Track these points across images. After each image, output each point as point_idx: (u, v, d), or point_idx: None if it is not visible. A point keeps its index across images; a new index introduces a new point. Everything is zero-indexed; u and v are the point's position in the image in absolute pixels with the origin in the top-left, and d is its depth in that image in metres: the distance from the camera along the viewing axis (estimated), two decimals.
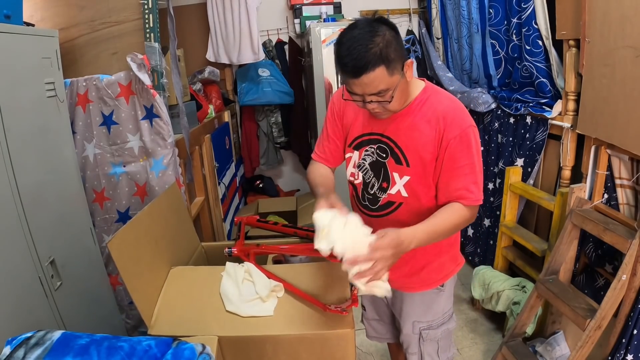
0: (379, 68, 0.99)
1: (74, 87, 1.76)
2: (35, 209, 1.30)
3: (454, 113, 1.10)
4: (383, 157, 1.18)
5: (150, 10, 1.76)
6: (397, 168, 1.16)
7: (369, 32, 0.99)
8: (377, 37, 0.98)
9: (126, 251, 1.19)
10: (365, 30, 1.00)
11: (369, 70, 0.99)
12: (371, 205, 1.24)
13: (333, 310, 1.16)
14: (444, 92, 1.17)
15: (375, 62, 0.98)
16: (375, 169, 1.21)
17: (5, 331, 1.05)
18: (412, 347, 1.36)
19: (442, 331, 1.35)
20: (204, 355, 0.99)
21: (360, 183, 1.26)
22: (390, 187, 1.18)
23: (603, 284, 1.74)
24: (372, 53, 0.97)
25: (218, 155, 2.67)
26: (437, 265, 1.27)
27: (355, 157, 1.25)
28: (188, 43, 3.01)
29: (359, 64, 0.98)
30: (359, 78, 1.00)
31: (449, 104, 1.12)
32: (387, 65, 1.00)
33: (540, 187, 2.20)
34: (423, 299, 1.31)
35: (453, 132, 1.08)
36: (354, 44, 0.98)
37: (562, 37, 1.87)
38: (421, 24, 3.33)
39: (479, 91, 2.52)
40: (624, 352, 1.41)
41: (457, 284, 2.65)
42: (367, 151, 1.21)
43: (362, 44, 0.98)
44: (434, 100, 1.12)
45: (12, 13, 1.36)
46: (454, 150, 1.09)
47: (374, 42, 0.98)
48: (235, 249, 1.42)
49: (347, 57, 0.99)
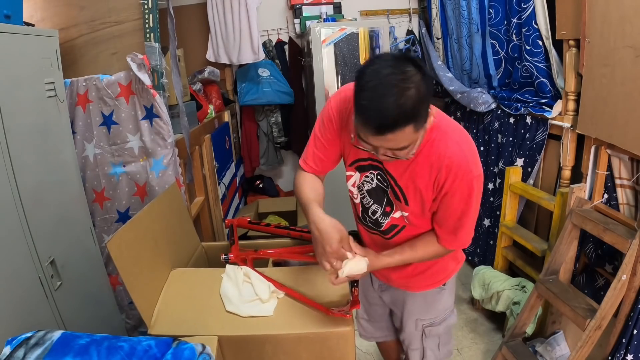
0: (407, 127, 0.85)
1: (74, 87, 1.76)
2: (35, 209, 1.30)
3: (459, 163, 0.99)
4: (384, 186, 1.13)
5: (150, 10, 1.76)
6: (396, 202, 1.13)
7: (401, 80, 0.82)
8: (409, 89, 0.82)
9: (126, 251, 1.19)
10: (393, 77, 0.83)
11: (396, 130, 0.84)
12: (374, 227, 1.23)
13: (337, 314, 1.16)
14: (453, 132, 1.03)
15: (405, 122, 0.84)
16: (376, 195, 1.16)
17: (5, 331, 1.05)
18: (414, 343, 1.38)
19: (443, 327, 1.36)
20: (204, 355, 0.99)
21: (359, 204, 1.23)
22: (394, 212, 1.15)
23: (603, 284, 1.74)
24: (403, 111, 0.82)
25: (218, 155, 2.67)
26: (440, 266, 1.27)
27: (356, 179, 1.18)
28: (188, 43, 3.01)
29: (385, 122, 0.83)
30: (381, 135, 0.86)
31: (455, 150, 0.99)
32: (416, 123, 0.86)
33: (540, 187, 2.20)
34: (426, 297, 1.31)
35: (455, 184, 1.00)
36: (382, 93, 0.82)
37: (562, 37, 1.87)
38: (421, 24, 3.33)
39: (479, 91, 2.52)
40: (624, 352, 1.41)
41: (458, 283, 2.66)
42: (368, 177, 1.15)
43: (392, 96, 0.81)
44: (441, 144, 1.00)
45: (12, 13, 1.36)
46: (452, 199, 1.03)
47: (406, 96, 0.82)
48: (231, 254, 1.41)
49: (372, 108, 0.83)
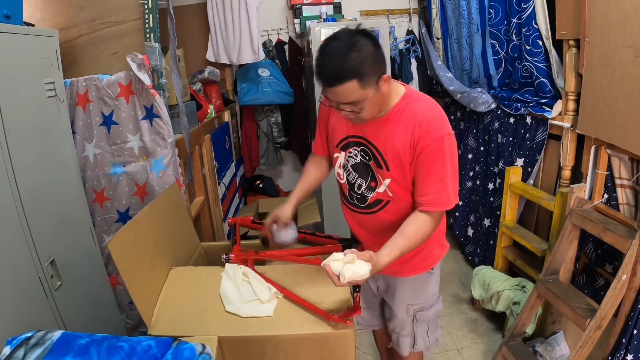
0: (351, 82, 1.04)
1: (74, 87, 1.76)
2: (35, 209, 1.30)
3: (430, 121, 1.13)
4: (367, 160, 1.24)
5: (150, 10, 1.76)
6: (379, 171, 1.22)
7: (347, 46, 1.03)
8: (353, 52, 1.03)
9: (126, 251, 1.19)
10: (344, 43, 1.04)
11: (341, 83, 1.04)
12: (360, 204, 1.31)
13: (337, 319, 1.16)
14: (423, 99, 1.20)
15: (348, 76, 1.03)
16: (360, 170, 1.27)
17: (5, 331, 1.05)
18: (405, 329, 1.46)
19: (432, 312, 1.45)
20: (204, 355, 0.99)
21: (345, 183, 1.33)
22: (378, 186, 1.24)
23: (603, 284, 1.74)
24: (346, 67, 1.02)
25: (218, 155, 2.67)
26: (427, 251, 1.35)
27: (342, 158, 1.31)
28: (188, 43, 3.01)
29: (332, 75, 1.04)
30: (331, 88, 1.06)
31: (425, 111, 1.15)
32: (360, 79, 1.04)
33: (540, 187, 2.20)
34: (415, 282, 1.39)
35: (427, 140, 1.12)
36: (331, 55, 1.04)
37: (562, 37, 1.87)
38: (421, 24, 3.33)
39: (479, 91, 2.52)
40: (624, 352, 1.41)
41: (458, 283, 2.66)
42: (351, 153, 1.27)
43: (338, 57, 1.03)
44: (412, 108, 1.16)
45: (12, 13, 1.36)
46: (426, 157, 1.13)
47: (350, 57, 1.02)
48: (232, 255, 1.41)
49: (323, 67, 1.06)
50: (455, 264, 2.90)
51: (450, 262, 2.91)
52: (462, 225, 2.90)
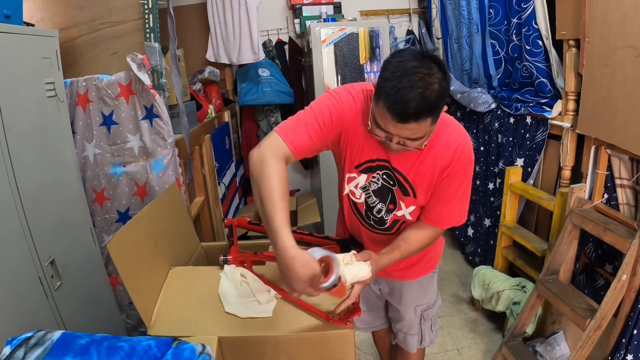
0: (427, 119, 0.90)
1: (74, 87, 1.76)
2: (35, 209, 1.30)
3: (462, 148, 1.07)
4: (391, 184, 1.16)
5: (150, 10, 1.76)
6: (403, 198, 1.17)
7: (427, 74, 0.87)
8: (434, 84, 0.87)
9: (126, 251, 1.19)
10: (421, 67, 0.87)
11: (418, 121, 0.89)
12: (377, 226, 1.26)
13: (337, 321, 1.16)
14: (453, 123, 1.10)
15: (427, 114, 0.89)
16: (381, 194, 1.19)
17: (5, 331, 1.05)
18: (413, 329, 1.46)
19: (435, 308, 1.48)
20: (204, 355, 0.99)
21: (362, 204, 1.24)
22: (397, 210, 1.20)
23: (603, 284, 1.74)
24: (427, 103, 0.87)
25: (218, 155, 2.67)
26: (433, 252, 1.36)
27: (361, 180, 1.19)
28: (188, 43, 3.01)
29: (410, 111, 0.87)
30: (403, 124, 0.90)
31: (457, 137, 1.07)
32: (434, 117, 0.92)
33: (540, 187, 2.20)
34: (421, 284, 1.40)
35: (457, 167, 1.08)
36: (409, 84, 0.86)
37: (562, 37, 1.87)
38: (421, 24, 3.33)
39: (479, 91, 2.52)
40: (624, 352, 1.41)
41: (458, 283, 2.67)
42: (374, 177, 1.17)
43: (418, 88, 0.86)
44: (443, 133, 1.06)
45: (12, 13, 1.36)
46: (450, 181, 1.10)
47: (430, 90, 0.87)
48: (230, 256, 1.40)
49: (398, 97, 0.87)
50: (455, 264, 2.90)
51: (450, 262, 2.91)
52: (462, 225, 2.90)
